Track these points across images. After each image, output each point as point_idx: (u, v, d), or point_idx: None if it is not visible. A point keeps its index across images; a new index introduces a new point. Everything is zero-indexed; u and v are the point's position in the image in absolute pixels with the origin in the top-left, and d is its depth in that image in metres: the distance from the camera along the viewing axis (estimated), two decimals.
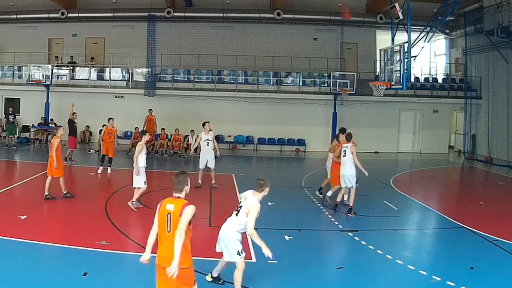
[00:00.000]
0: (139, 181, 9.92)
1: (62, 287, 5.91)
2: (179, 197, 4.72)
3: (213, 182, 12.71)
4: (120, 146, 21.46)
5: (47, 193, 10.33)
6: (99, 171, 14.29)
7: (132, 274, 6.46)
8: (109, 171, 14.46)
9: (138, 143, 10.11)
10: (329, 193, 11.06)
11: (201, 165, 12.74)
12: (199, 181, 12.61)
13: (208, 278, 6.25)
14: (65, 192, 10.64)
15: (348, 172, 10.07)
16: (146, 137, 10.20)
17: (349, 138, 10.38)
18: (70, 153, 16.14)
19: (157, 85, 22.52)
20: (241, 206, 5.70)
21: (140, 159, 9.86)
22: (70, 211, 9.79)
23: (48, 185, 10.37)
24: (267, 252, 5.52)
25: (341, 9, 21.74)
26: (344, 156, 10.18)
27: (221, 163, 18.47)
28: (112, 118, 14.96)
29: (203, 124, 12.89)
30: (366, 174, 9.90)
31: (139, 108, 20.67)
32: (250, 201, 5.67)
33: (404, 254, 7.75)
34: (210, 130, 12.79)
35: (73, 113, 16.53)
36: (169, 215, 4.61)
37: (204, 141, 12.69)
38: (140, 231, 8.52)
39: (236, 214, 5.73)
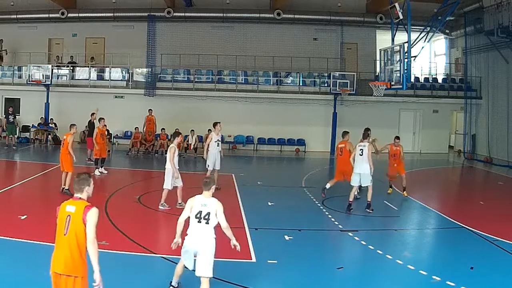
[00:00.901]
0: (167, 183, 9.86)
1: None
2: (80, 198, 4.38)
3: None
4: (120, 146, 21.54)
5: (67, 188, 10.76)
6: (97, 173, 14.16)
7: (132, 274, 6.46)
8: (104, 171, 14.40)
9: (171, 146, 9.88)
10: (328, 186, 11.41)
11: (211, 166, 12.24)
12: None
13: None
14: (66, 188, 10.78)
15: (365, 171, 10.22)
16: (178, 139, 10.06)
17: (365, 136, 10.63)
18: (90, 153, 16.19)
19: (157, 85, 22.51)
20: (207, 213, 5.39)
21: (175, 161, 9.73)
22: None
23: (65, 179, 10.89)
24: (236, 243, 5.57)
25: None
26: (361, 155, 10.28)
27: (221, 163, 18.48)
28: (103, 118, 14.84)
29: (214, 125, 12.43)
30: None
31: (139, 108, 20.65)
32: (213, 202, 5.48)
33: (404, 254, 7.76)
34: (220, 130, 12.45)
35: (92, 114, 16.53)
36: (68, 217, 4.23)
37: (215, 141, 12.24)
38: (140, 231, 8.53)
39: (207, 222, 5.37)
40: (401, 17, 15.00)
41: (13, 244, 7.28)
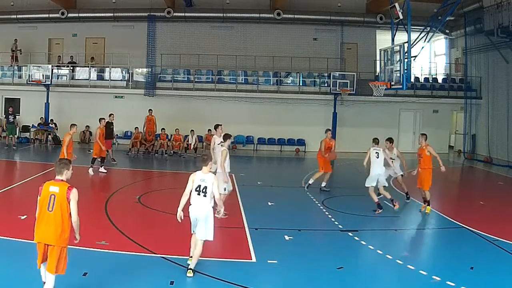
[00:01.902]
0: (220, 188, 9.70)
1: (62, 287, 5.91)
2: (62, 180, 5.18)
3: None
4: (119, 146, 21.52)
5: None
6: (91, 173, 13.98)
7: (132, 274, 6.46)
8: (103, 170, 14.42)
9: (223, 149, 9.62)
10: (323, 184, 12.14)
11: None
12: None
13: (190, 274, 6.33)
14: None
15: (381, 171, 10.63)
16: (230, 141, 9.93)
17: (377, 141, 11.14)
18: (112, 153, 16.30)
19: (157, 85, 22.51)
20: (205, 187, 6.30)
21: (227, 165, 9.52)
22: None
23: None
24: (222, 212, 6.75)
25: None
26: (377, 158, 10.62)
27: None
28: (103, 118, 14.88)
29: (216, 127, 11.69)
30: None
31: (139, 108, 20.65)
32: (210, 177, 6.38)
33: (404, 254, 7.76)
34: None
35: (110, 115, 16.51)
36: (52, 196, 5.06)
37: (219, 144, 12.19)
38: (140, 231, 8.53)
39: (204, 195, 6.29)
40: (401, 17, 14.99)
41: (13, 244, 7.27)
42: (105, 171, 14.38)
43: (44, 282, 5.16)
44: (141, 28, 22.99)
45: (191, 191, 6.43)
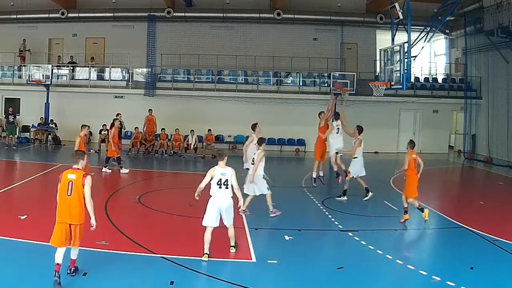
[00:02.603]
0: (263, 188, 9.65)
1: (62, 287, 5.91)
2: (78, 168, 5.99)
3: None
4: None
5: None
6: (126, 171, 14.49)
7: (132, 274, 6.46)
8: (108, 170, 14.51)
9: (260, 152, 9.60)
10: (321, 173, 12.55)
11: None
12: None
13: (233, 250, 7.31)
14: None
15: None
16: (264, 144, 9.97)
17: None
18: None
19: (157, 85, 22.51)
20: (226, 180, 7.00)
21: (260, 167, 9.58)
22: None
23: None
24: (241, 204, 7.32)
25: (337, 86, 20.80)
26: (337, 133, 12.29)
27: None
28: (117, 119, 15.43)
29: (254, 127, 11.80)
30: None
31: (139, 108, 20.64)
32: (228, 171, 7.07)
33: (404, 254, 7.76)
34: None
35: (117, 114, 16.67)
36: (70, 182, 5.84)
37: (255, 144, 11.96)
38: (140, 231, 8.52)
39: (226, 187, 7.01)
40: (401, 17, 14.97)
41: (13, 244, 7.28)
42: (110, 171, 14.52)
43: (57, 264, 5.78)
44: (141, 28, 22.99)
45: (209, 182, 7.10)
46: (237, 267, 7.05)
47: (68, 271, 6.06)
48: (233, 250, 7.35)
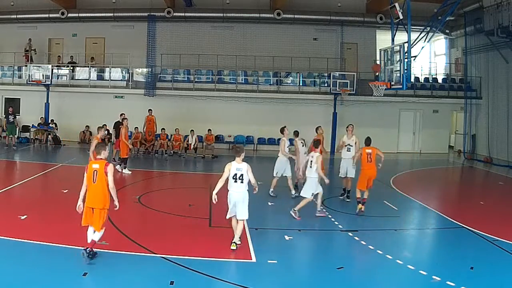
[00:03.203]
0: (308, 192, 9.72)
1: (62, 287, 5.92)
2: (101, 158, 6.76)
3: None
4: None
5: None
6: (126, 172, 14.52)
7: (132, 274, 6.46)
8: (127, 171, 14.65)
9: (318, 155, 9.70)
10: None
11: (280, 173, 11.90)
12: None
13: (233, 247, 7.41)
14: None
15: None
16: (321, 146, 10.06)
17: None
18: (116, 153, 16.41)
19: (157, 85, 22.51)
20: (241, 174, 7.38)
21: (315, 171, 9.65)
22: (70, 211, 9.76)
23: None
24: (256, 189, 7.55)
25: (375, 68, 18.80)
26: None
27: (221, 163, 18.47)
28: (125, 118, 15.30)
29: (282, 130, 12.20)
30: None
31: (139, 108, 20.62)
32: (244, 166, 7.43)
33: (404, 254, 7.76)
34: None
35: (121, 114, 16.59)
36: (95, 171, 6.61)
37: (288, 147, 11.97)
38: (140, 231, 8.52)
39: (241, 182, 7.40)
40: (401, 17, 14.99)
41: (13, 244, 7.28)
42: (129, 172, 14.66)
43: (92, 240, 6.64)
44: (141, 28, 22.99)
45: (227, 178, 7.43)
46: (237, 267, 7.05)
47: (85, 251, 6.51)
48: (234, 246, 7.42)
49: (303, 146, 11.91)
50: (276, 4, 23.19)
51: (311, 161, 9.75)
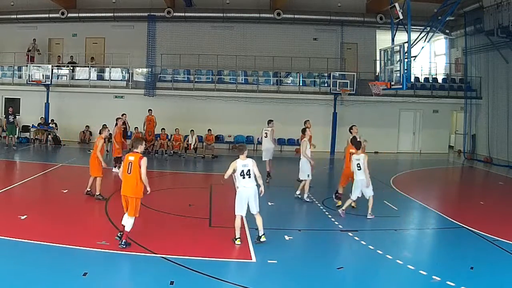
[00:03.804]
0: (355, 194, 9.76)
1: (62, 287, 5.92)
2: (136, 152, 7.43)
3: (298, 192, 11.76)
4: None
5: (89, 189, 10.92)
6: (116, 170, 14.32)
7: (132, 274, 6.46)
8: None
9: (364, 156, 9.66)
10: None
11: (311, 175, 11.42)
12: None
13: (263, 239, 7.78)
14: (97, 194, 10.68)
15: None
16: (365, 145, 10.15)
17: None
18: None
19: (157, 85, 22.51)
20: (248, 170, 7.68)
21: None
22: (70, 211, 9.79)
23: (91, 183, 10.87)
24: (262, 190, 7.75)
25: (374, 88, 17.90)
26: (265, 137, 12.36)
27: (221, 163, 18.49)
28: (120, 118, 15.27)
29: (304, 130, 11.64)
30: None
31: (139, 108, 20.63)
32: (249, 161, 7.72)
33: (404, 254, 7.76)
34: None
35: (123, 114, 16.66)
36: (130, 163, 7.30)
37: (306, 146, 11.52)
38: (140, 231, 8.52)
39: (249, 177, 7.69)
40: (401, 17, 14.99)
41: (13, 244, 7.28)
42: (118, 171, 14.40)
43: (124, 225, 7.37)
44: (141, 28, 22.99)
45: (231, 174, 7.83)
46: (237, 267, 7.05)
47: (119, 236, 7.39)
48: (263, 238, 7.79)
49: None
50: (276, 4, 23.19)
51: (358, 163, 9.68)
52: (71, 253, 7.00)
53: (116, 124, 15.40)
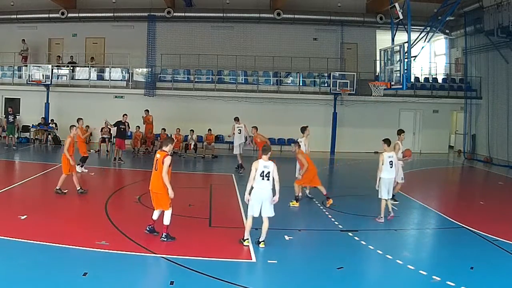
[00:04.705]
0: (384, 193, 9.77)
1: (62, 287, 5.92)
2: (163, 150, 7.82)
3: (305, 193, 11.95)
4: None
5: (78, 187, 11.12)
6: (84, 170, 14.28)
7: (132, 274, 6.46)
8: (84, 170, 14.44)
9: (391, 154, 9.92)
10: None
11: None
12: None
13: (262, 245, 7.64)
14: (78, 188, 11.00)
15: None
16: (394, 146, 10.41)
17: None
18: (118, 152, 16.57)
19: (157, 85, 22.49)
20: (268, 172, 7.57)
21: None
22: (70, 211, 9.80)
23: (76, 181, 11.16)
24: (276, 199, 7.64)
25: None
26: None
27: (221, 163, 18.52)
28: (81, 118, 15.11)
29: (303, 129, 12.34)
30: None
31: (139, 108, 20.60)
32: (271, 164, 7.66)
33: (404, 254, 7.76)
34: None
35: (124, 115, 16.81)
36: (156, 161, 7.74)
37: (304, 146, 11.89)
38: (141, 231, 8.52)
39: (268, 179, 7.58)
40: (401, 17, 14.99)
41: (13, 244, 7.28)
42: (86, 170, 14.31)
43: (154, 220, 7.99)
44: (141, 28, 22.99)
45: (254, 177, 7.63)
46: (237, 267, 7.05)
47: (148, 230, 8.00)
48: (262, 245, 7.64)
49: (304, 145, 11.83)
50: (276, 4, 23.19)
51: (391, 160, 9.75)
52: (71, 253, 7.00)
53: (123, 123, 15.94)
